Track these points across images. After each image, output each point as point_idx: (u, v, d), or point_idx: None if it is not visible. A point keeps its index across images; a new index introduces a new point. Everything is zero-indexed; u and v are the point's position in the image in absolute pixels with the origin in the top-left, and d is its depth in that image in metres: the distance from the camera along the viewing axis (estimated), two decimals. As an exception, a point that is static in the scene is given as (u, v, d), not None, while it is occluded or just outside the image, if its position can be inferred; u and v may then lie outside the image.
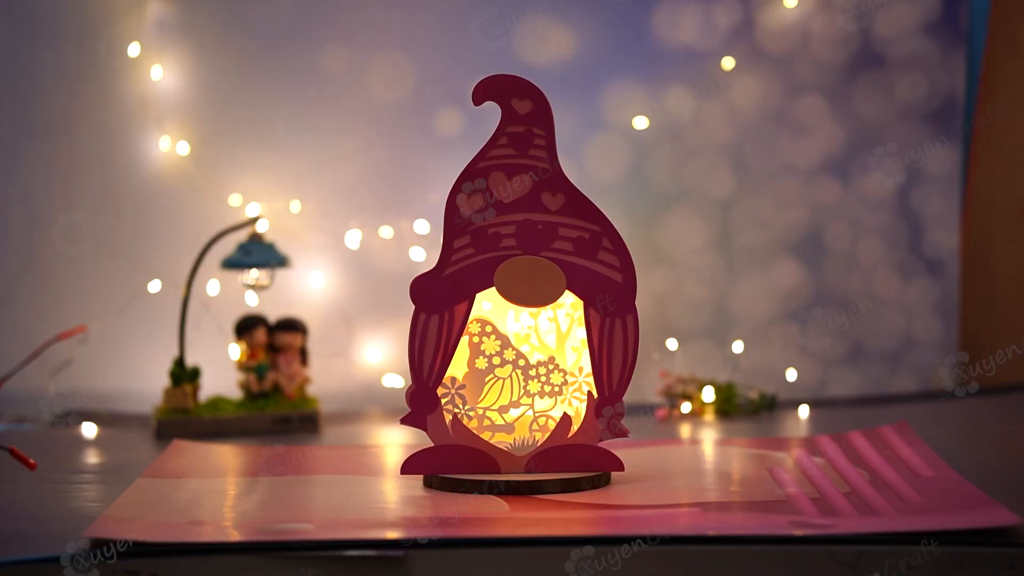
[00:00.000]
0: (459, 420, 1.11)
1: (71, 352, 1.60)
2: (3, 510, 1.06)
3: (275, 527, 0.96)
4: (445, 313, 1.10)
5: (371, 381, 1.77)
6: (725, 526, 0.94)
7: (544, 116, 1.09)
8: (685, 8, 1.77)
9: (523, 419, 1.12)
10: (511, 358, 1.11)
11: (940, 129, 1.84)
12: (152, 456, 1.31)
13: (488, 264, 1.09)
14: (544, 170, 1.09)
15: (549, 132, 1.09)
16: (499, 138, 1.09)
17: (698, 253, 1.82)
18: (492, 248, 1.09)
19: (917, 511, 0.99)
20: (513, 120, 1.09)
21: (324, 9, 1.75)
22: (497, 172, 1.09)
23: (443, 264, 1.10)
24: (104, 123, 1.74)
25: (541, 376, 1.11)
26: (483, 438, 1.11)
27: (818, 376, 1.83)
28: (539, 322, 1.12)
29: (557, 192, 1.09)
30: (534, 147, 1.09)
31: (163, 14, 1.73)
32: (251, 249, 1.55)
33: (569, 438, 1.11)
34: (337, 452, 1.34)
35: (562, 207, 1.09)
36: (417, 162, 1.76)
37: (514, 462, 1.11)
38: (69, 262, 1.73)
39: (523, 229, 1.09)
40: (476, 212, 1.08)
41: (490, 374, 1.11)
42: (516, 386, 1.12)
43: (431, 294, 1.10)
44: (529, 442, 1.11)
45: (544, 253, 1.09)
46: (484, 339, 1.11)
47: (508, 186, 1.09)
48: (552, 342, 1.12)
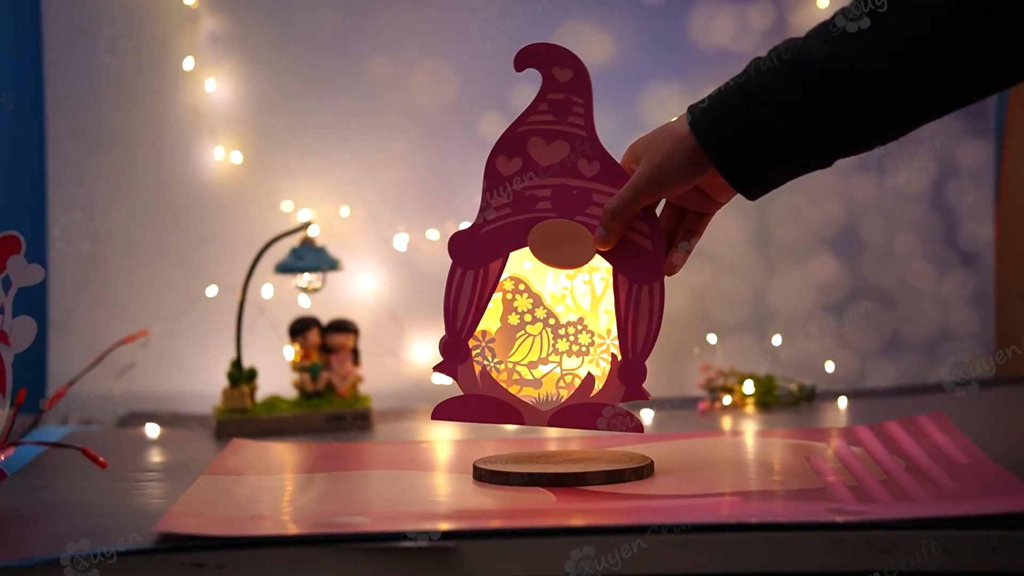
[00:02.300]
0: (487, 372, 1.13)
1: (134, 356, 1.62)
2: (77, 507, 1.09)
3: (332, 520, 0.97)
4: (480, 269, 1.12)
5: (421, 379, 1.77)
6: (766, 514, 0.95)
7: (583, 85, 1.10)
8: (720, 11, 1.78)
9: (550, 376, 1.13)
10: (542, 316, 1.13)
11: (973, 123, 1.83)
12: (212, 455, 1.32)
13: (523, 225, 1.11)
14: (577, 136, 1.10)
15: (588, 101, 1.10)
16: (539, 104, 1.10)
17: (736, 248, 1.82)
18: (528, 210, 1.11)
19: (952, 497, 1.00)
20: (553, 87, 1.10)
21: (369, 20, 1.76)
22: (536, 137, 1.11)
23: (481, 222, 1.12)
24: (161, 135, 1.75)
25: (570, 335, 1.13)
26: (509, 390, 1.13)
27: (856, 368, 1.82)
28: (575, 284, 1.14)
29: (593, 159, 1.10)
30: (572, 115, 1.10)
31: (215, 29, 1.74)
32: (303, 253, 1.56)
33: (592, 397, 1.13)
34: (389, 448, 1.35)
35: (597, 174, 1.10)
36: (461, 165, 1.77)
37: (538, 416, 1.13)
38: (130, 270, 1.75)
39: (559, 193, 1.11)
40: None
41: (521, 330, 1.13)
42: (546, 343, 1.13)
43: (467, 250, 1.12)
44: (554, 398, 1.13)
45: (578, 218, 1.11)
46: (517, 296, 1.13)
47: (546, 150, 1.11)
48: (587, 304, 1.14)
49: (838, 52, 0.98)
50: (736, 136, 1.03)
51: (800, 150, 1.03)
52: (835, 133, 1.01)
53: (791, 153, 1.03)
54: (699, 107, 1.05)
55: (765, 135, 1.02)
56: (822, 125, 1.01)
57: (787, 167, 1.04)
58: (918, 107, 1.00)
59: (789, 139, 1.02)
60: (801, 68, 0.99)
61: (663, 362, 1.75)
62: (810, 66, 0.99)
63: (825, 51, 0.99)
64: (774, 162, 1.04)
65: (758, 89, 1.01)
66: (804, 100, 1.00)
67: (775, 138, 1.02)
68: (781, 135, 1.02)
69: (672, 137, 1.05)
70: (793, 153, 1.03)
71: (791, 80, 1.00)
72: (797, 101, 1.00)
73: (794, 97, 1.00)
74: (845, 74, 0.98)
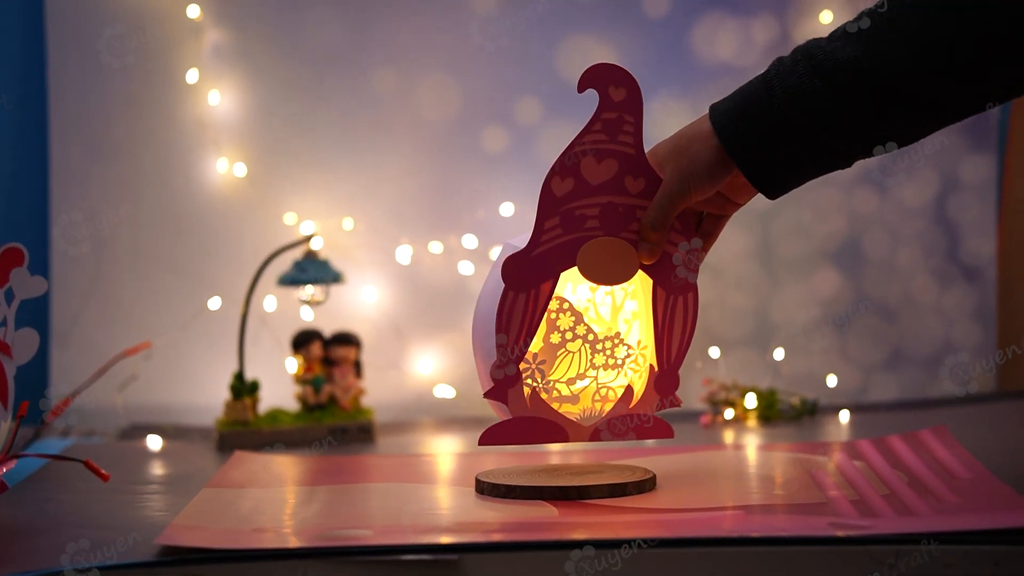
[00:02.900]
0: (537, 393, 1.13)
1: (136, 368, 1.62)
2: (79, 519, 1.08)
3: (334, 533, 0.97)
4: (532, 291, 1.11)
5: (423, 392, 1.77)
6: (769, 528, 0.95)
7: (635, 104, 1.10)
8: (723, 25, 1.79)
9: (587, 390, 1.14)
10: (582, 333, 1.13)
11: (976, 139, 1.84)
12: (215, 467, 1.32)
13: (573, 244, 1.11)
14: (626, 155, 1.10)
15: (638, 119, 1.10)
16: (594, 124, 1.10)
17: (739, 263, 1.83)
18: (578, 229, 1.11)
19: (954, 511, 1.00)
20: (608, 107, 1.10)
21: (373, 34, 1.76)
22: (588, 157, 1.11)
23: (533, 244, 1.11)
24: (165, 147, 1.75)
25: (607, 350, 1.14)
26: (555, 409, 1.13)
27: (858, 382, 1.83)
28: (598, 296, 1.14)
29: (639, 176, 1.11)
30: (623, 133, 1.10)
31: (220, 41, 1.75)
32: (306, 266, 1.56)
33: (631, 408, 1.14)
34: (392, 461, 1.35)
35: (642, 190, 1.11)
36: (464, 179, 1.78)
37: (581, 431, 1.13)
38: (133, 281, 1.75)
39: (606, 211, 1.11)
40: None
41: (562, 348, 1.13)
42: (584, 359, 1.14)
43: (521, 274, 1.11)
44: (593, 413, 1.14)
45: (622, 234, 1.11)
46: (560, 315, 1.13)
47: (596, 169, 1.11)
48: (606, 315, 1.15)
49: (863, 53, 0.99)
50: (759, 136, 1.03)
51: (823, 151, 1.03)
52: (858, 134, 1.02)
53: (814, 153, 1.03)
54: (721, 107, 1.05)
55: (788, 135, 1.02)
56: (845, 126, 1.01)
57: (809, 167, 1.05)
58: (941, 109, 1.00)
59: (812, 140, 1.02)
60: (825, 69, 1.00)
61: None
62: (834, 67, 1.00)
63: (849, 52, 0.99)
64: (796, 162, 1.04)
65: (781, 89, 1.02)
66: (828, 101, 1.00)
67: (798, 138, 1.02)
68: (804, 135, 1.02)
69: (696, 139, 1.06)
70: (816, 153, 1.03)
71: (815, 81, 1.00)
72: (821, 102, 1.00)
73: (818, 98, 1.00)
74: (869, 75, 0.99)
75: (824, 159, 1.04)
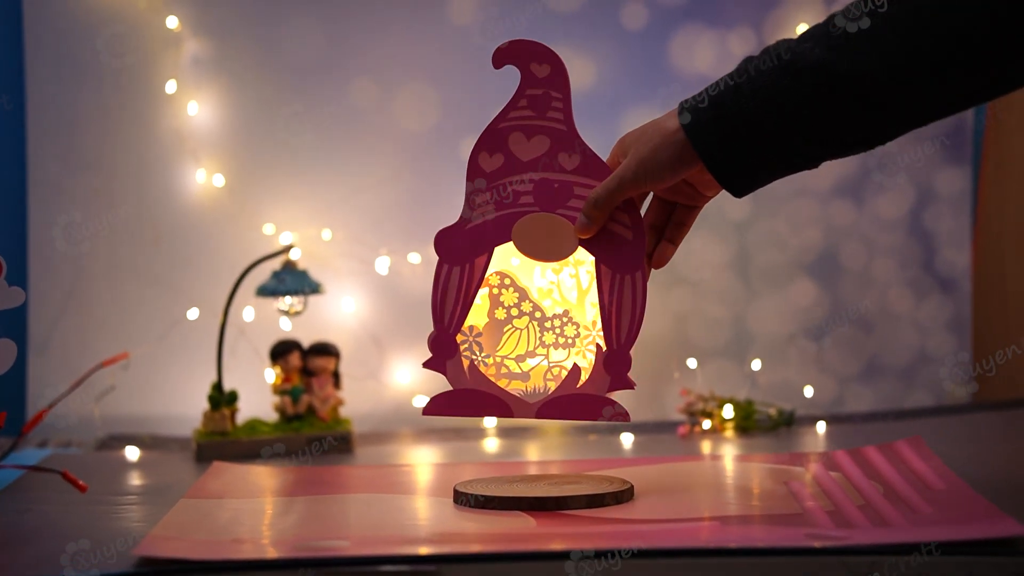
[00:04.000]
0: (476, 366, 1.13)
1: (114, 378, 1.60)
2: (58, 531, 1.08)
3: (312, 544, 0.97)
4: (466, 264, 1.12)
5: (402, 402, 1.77)
6: (745, 538, 0.95)
7: (561, 80, 1.11)
8: (701, 36, 1.80)
9: (538, 368, 1.14)
10: (528, 310, 1.14)
11: (951, 150, 1.84)
12: (192, 477, 1.32)
13: (507, 220, 1.12)
14: (557, 131, 1.11)
15: (566, 95, 1.11)
16: (519, 100, 1.12)
17: (716, 273, 1.83)
18: (511, 205, 1.12)
19: (929, 523, 1.00)
20: (532, 83, 1.12)
21: (352, 45, 1.77)
22: (517, 132, 1.12)
23: (465, 218, 1.13)
24: (143, 157, 1.76)
25: (556, 328, 1.14)
26: (498, 384, 1.13)
27: (834, 393, 1.84)
28: (562, 278, 1.14)
29: (573, 153, 1.12)
30: (552, 109, 1.11)
31: (198, 52, 1.75)
32: (285, 276, 1.56)
33: (578, 388, 1.13)
34: (370, 471, 1.35)
35: (577, 167, 1.12)
36: (443, 190, 1.78)
37: (526, 408, 1.13)
38: (111, 291, 1.75)
39: (541, 187, 1.12)
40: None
41: (508, 324, 1.14)
42: (532, 337, 1.14)
43: (453, 246, 1.12)
44: (542, 390, 1.14)
45: (560, 211, 1.12)
46: (503, 291, 1.14)
47: (527, 146, 1.12)
48: (573, 298, 1.14)
49: (832, 55, 0.99)
50: (726, 135, 1.03)
51: (791, 151, 1.03)
52: (825, 136, 1.02)
53: (781, 154, 1.04)
54: (689, 103, 1.06)
55: (755, 135, 1.03)
56: (813, 128, 1.02)
57: (776, 167, 1.05)
58: (909, 112, 1.01)
59: (780, 140, 1.03)
60: (794, 70, 1.00)
61: (643, 386, 1.74)
62: (803, 69, 1.00)
63: (818, 54, 0.99)
64: (763, 162, 1.04)
65: (750, 89, 1.02)
66: (796, 102, 1.01)
67: (766, 139, 1.03)
68: (772, 136, 1.02)
69: (661, 132, 1.06)
70: (783, 154, 1.04)
71: (784, 82, 1.01)
72: (789, 103, 1.01)
73: (786, 99, 1.01)
74: (838, 78, 0.99)
75: (790, 159, 1.04)
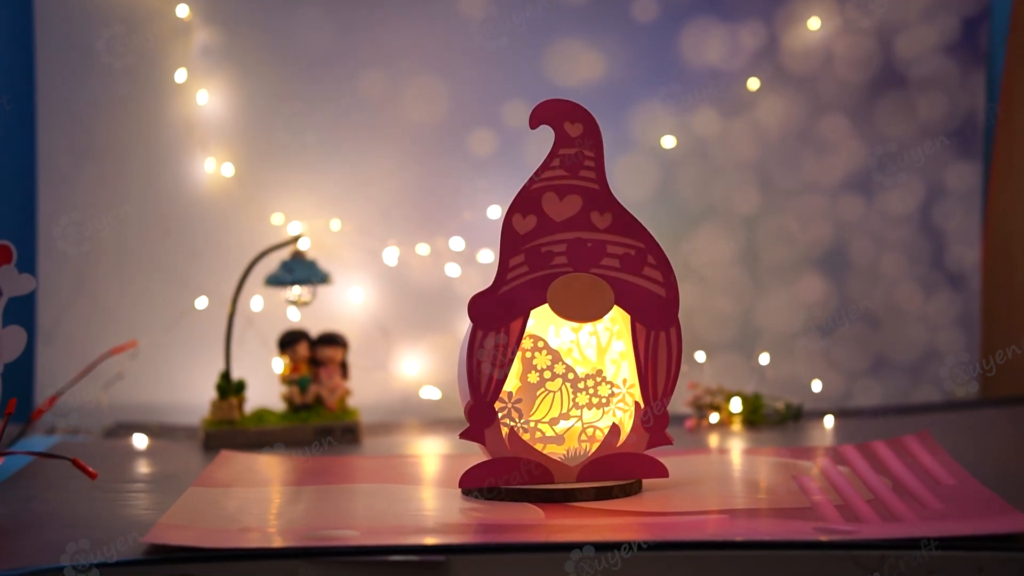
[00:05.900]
0: (515, 433, 1.13)
1: (122, 367, 1.62)
2: (66, 518, 1.09)
3: (320, 533, 0.98)
4: (501, 329, 1.11)
5: (409, 393, 1.78)
6: (753, 532, 0.96)
7: (594, 139, 1.11)
8: (712, 31, 1.79)
9: (572, 430, 1.14)
10: (561, 372, 1.13)
11: (961, 147, 1.85)
12: (200, 466, 1.33)
13: (541, 281, 1.11)
14: (589, 190, 1.11)
15: (599, 153, 1.11)
16: (552, 160, 1.11)
17: (725, 268, 1.83)
18: (545, 266, 1.12)
19: (938, 518, 1.01)
20: (565, 142, 1.11)
21: (362, 35, 1.76)
22: (549, 192, 1.12)
23: (499, 282, 1.11)
24: (153, 146, 1.75)
25: (589, 388, 1.14)
26: (538, 449, 1.13)
27: (843, 387, 1.83)
28: (579, 336, 1.14)
29: (605, 211, 1.12)
30: (584, 168, 1.11)
31: (208, 41, 1.75)
32: (293, 267, 1.56)
33: (618, 447, 1.14)
34: (377, 461, 1.35)
35: (610, 225, 1.12)
36: (451, 181, 1.78)
37: (566, 472, 1.13)
38: (119, 281, 1.75)
39: (574, 247, 1.12)
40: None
41: (541, 387, 1.13)
42: (566, 398, 1.14)
43: (488, 312, 1.11)
44: (579, 452, 1.14)
45: (593, 270, 1.12)
46: (536, 354, 1.13)
47: (559, 206, 1.12)
48: (592, 355, 1.15)
49: None
50: None
51: None
52: None
53: None
54: None
55: None
56: None
57: None
58: None
59: None
60: None
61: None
62: None
63: None
64: None
65: None
66: None
67: None
68: None
69: None
70: None
71: None
72: None
73: None
74: None
75: None
